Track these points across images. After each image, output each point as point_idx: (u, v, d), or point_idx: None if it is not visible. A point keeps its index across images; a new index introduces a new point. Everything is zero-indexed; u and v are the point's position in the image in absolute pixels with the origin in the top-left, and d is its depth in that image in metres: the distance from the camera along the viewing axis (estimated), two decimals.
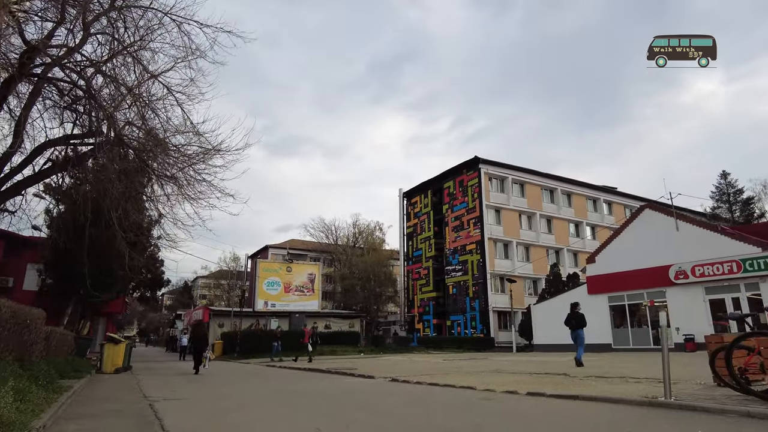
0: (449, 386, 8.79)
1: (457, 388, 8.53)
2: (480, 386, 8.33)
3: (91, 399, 7.86)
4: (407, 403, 6.99)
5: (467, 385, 8.65)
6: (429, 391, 8.35)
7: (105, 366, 14.27)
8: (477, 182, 39.51)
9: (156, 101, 12.04)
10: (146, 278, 25.36)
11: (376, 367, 15.08)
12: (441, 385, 8.95)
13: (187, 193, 11.99)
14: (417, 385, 9.35)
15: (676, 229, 22.95)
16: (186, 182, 11.43)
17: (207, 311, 35.48)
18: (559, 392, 6.95)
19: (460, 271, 40.00)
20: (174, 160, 11.59)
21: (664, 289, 23.14)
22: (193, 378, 13.17)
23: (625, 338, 24.57)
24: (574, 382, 8.57)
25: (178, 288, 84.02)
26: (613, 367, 12.44)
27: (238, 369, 17.96)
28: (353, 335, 39.86)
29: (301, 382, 10.98)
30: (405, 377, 10.80)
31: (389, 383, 10.12)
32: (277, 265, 30.25)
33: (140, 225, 16.95)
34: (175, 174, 11.58)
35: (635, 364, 13.16)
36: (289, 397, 7.99)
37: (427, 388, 8.90)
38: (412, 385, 9.55)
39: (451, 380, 9.76)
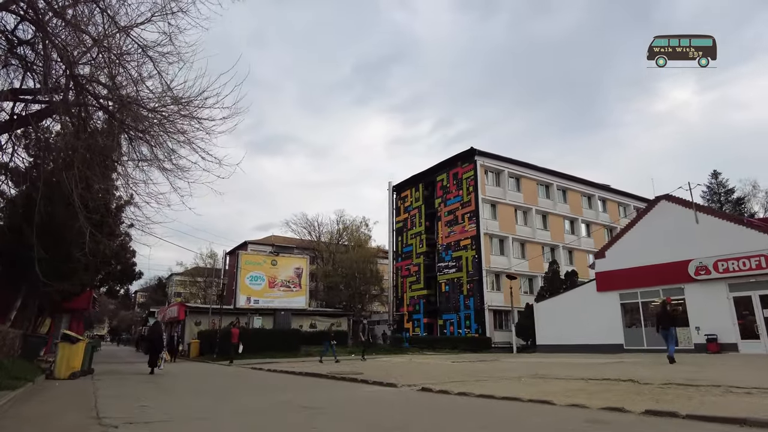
0: (509, 399, 6.71)
1: (524, 402, 6.45)
2: (556, 400, 6.27)
3: (4, 428, 5.44)
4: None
5: (535, 397, 6.58)
6: (491, 408, 6.25)
7: (58, 370, 11.72)
8: (473, 175, 37.65)
9: (127, 58, 9.65)
10: (115, 270, 22.59)
11: (385, 372, 12.92)
12: (498, 398, 6.86)
13: (162, 156, 9.64)
14: (462, 398, 7.25)
15: (696, 221, 21.42)
16: (163, 139, 9.06)
17: (183, 308, 32.68)
18: (695, 412, 4.92)
19: (454, 268, 38.08)
20: (149, 113, 9.21)
21: (682, 286, 21.58)
22: (167, 387, 10.78)
23: (638, 338, 22.96)
24: (676, 394, 6.57)
25: (151, 285, 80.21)
26: (674, 372, 10.56)
27: (220, 373, 15.56)
28: (341, 335, 37.49)
29: (310, 393, 8.73)
30: (436, 385, 8.68)
31: (423, 394, 7.97)
32: (261, 258, 27.73)
33: (107, 205, 14.41)
34: (150, 130, 9.18)
35: (694, 368, 11.29)
36: (304, 419, 5.76)
37: (481, 402, 6.79)
38: (454, 396, 7.44)
39: (497, 389, 7.70)
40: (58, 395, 8.67)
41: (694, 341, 20.70)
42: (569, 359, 18.11)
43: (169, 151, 9.89)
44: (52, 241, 13.00)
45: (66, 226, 13.36)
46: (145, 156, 9.61)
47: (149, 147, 9.56)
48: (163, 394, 9.09)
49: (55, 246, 13.04)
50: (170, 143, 9.68)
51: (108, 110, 9.02)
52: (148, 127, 8.75)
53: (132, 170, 10.44)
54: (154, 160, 9.98)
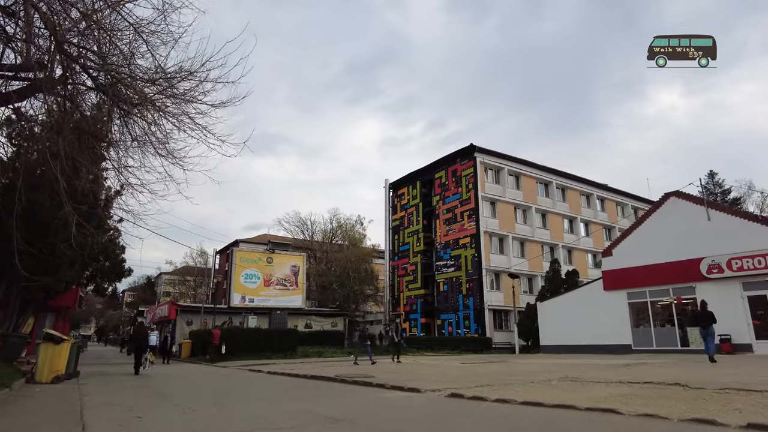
0: (562, 407, 5.86)
1: (581, 410, 5.60)
2: (621, 408, 5.42)
3: None
4: None
5: (592, 405, 5.73)
6: (550, 419, 5.38)
7: (40, 373, 10.64)
8: (472, 172, 36.89)
9: (118, 35, 8.65)
10: (104, 266, 21.41)
11: (395, 374, 12.04)
12: (548, 406, 6.00)
13: (160, 136, 8.65)
14: (505, 406, 6.38)
15: (708, 218, 20.83)
16: (161, 115, 8.06)
17: (174, 307, 31.48)
18: None
19: (453, 267, 37.29)
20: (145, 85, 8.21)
21: (693, 285, 20.94)
22: (162, 392, 9.79)
23: (647, 339, 22.30)
24: (750, 401, 5.77)
25: (139, 284, 78.42)
26: (712, 374, 9.80)
27: (217, 376, 14.55)
28: (337, 335, 36.60)
29: (326, 400, 7.81)
30: (463, 390, 7.81)
31: (456, 401, 7.09)
32: (256, 255, 26.60)
33: (95, 194, 13.34)
34: (146, 104, 8.18)
35: (732, 370, 10.53)
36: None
37: (531, 412, 5.92)
38: (493, 404, 6.57)
39: (541, 395, 6.86)
40: (39, 404, 7.65)
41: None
42: (582, 360, 17.36)
43: (165, 133, 8.91)
44: (35, 232, 11.92)
45: (50, 216, 12.28)
46: (139, 137, 8.60)
47: (145, 125, 8.56)
48: (159, 401, 8.12)
49: (37, 237, 11.95)
50: (167, 122, 8.68)
51: (99, 82, 8.02)
52: (144, 100, 7.75)
53: (124, 155, 9.41)
54: (149, 142, 8.99)
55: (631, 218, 46.27)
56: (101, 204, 14.69)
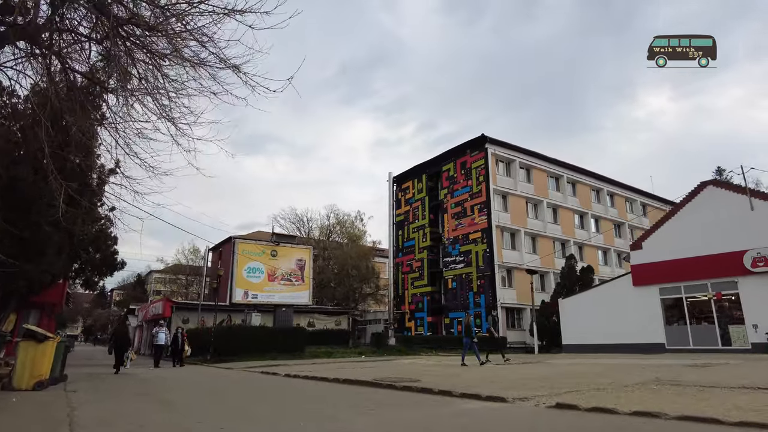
0: (710, 421, 4.18)
1: (730, 425, 3.92)
2: None
3: None
4: None
5: (752, 420, 4.06)
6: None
7: (19, 378, 8.74)
8: (483, 164, 35.28)
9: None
10: (94, 258, 19.45)
11: (441, 379, 10.32)
12: (697, 419, 4.32)
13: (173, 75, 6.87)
14: (654, 420, 4.70)
15: (751, 208, 19.41)
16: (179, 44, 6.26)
17: (169, 304, 29.51)
18: None
19: (462, 263, 35.65)
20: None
21: (735, 279, 19.51)
22: (169, 400, 7.98)
23: (683, 337, 20.81)
24: None
25: (129, 282, 75.82)
26: None
27: (226, 379, 12.73)
28: (342, 334, 34.88)
29: (384, 412, 6.08)
30: (569, 398, 6.13)
31: (576, 415, 5.38)
32: (260, 248, 24.71)
33: (88, 166, 11.47)
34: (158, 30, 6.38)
35: None
36: None
37: (689, 428, 4.22)
38: (629, 417, 4.88)
39: (661, 404, 5.19)
40: (13, 420, 5.82)
41: (751, 340, 18.65)
42: (627, 360, 15.70)
43: (179, 76, 7.12)
44: (16, 209, 10.04)
45: (35, 192, 10.40)
46: (145, 78, 6.80)
47: (153, 66, 6.76)
48: (172, 415, 6.34)
49: (19, 215, 10.07)
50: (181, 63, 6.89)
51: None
52: (155, 26, 5.95)
53: (124, 105, 7.58)
54: (157, 90, 7.18)
55: (639, 215, 45.10)
56: (93, 182, 12.81)
